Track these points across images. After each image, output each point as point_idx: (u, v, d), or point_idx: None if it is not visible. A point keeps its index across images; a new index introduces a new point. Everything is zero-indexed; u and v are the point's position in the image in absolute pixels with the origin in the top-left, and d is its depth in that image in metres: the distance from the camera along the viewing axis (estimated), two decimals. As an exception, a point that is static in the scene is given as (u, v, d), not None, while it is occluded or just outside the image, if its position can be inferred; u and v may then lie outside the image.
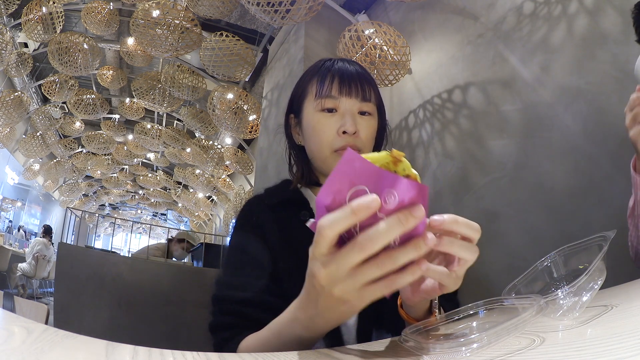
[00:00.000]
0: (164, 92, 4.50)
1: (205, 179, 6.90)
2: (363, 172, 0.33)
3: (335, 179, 0.34)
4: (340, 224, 0.33)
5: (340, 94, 0.70)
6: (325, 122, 0.70)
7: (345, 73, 0.71)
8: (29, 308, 1.14)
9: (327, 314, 0.40)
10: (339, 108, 0.70)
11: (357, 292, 0.36)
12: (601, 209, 1.35)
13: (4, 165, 7.53)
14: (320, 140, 0.71)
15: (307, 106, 0.75)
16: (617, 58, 1.37)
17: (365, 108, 0.72)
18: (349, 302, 0.37)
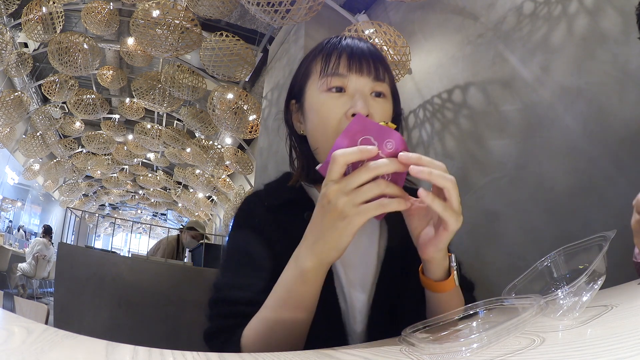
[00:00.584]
0: (164, 92, 4.50)
1: (205, 179, 6.90)
2: (370, 127, 0.46)
3: (350, 130, 0.46)
4: (350, 156, 0.44)
5: (349, 71, 0.61)
6: (331, 104, 0.61)
7: (355, 49, 0.63)
8: (29, 308, 1.14)
9: (328, 234, 0.45)
10: (347, 87, 0.61)
11: (356, 208, 0.43)
12: (601, 209, 1.35)
13: (4, 165, 7.53)
14: (325, 124, 0.61)
15: (310, 87, 0.65)
16: (617, 58, 1.37)
17: (379, 88, 0.62)
18: (349, 217, 0.43)
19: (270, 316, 0.51)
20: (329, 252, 0.46)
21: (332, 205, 0.44)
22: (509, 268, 1.61)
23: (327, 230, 0.45)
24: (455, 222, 0.46)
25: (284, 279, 0.51)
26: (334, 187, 0.44)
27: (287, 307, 0.50)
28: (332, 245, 0.46)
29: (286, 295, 0.50)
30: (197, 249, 5.33)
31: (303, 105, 0.67)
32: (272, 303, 0.52)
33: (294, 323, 0.50)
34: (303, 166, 0.69)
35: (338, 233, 0.45)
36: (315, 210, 0.48)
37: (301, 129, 0.70)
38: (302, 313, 0.50)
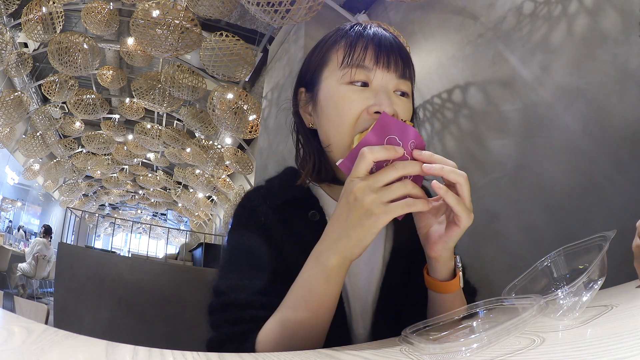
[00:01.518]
0: (164, 92, 4.50)
1: (205, 179, 6.90)
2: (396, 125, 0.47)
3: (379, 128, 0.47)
4: (378, 153, 0.45)
5: (376, 64, 0.55)
6: (353, 97, 0.55)
7: (383, 41, 0.57)
8: (29, 308, 1.14)
9: (353, 231, 0.45)
10: (371, 82, 0.56)
11: (383, 206, 0.43)
12: (601, 209, 1.35)
13: (4, 165, 7.53)
14: (342, 119, 0.55)
15: (327, 77, 0.59)
16: (617, 58, 1.37)
17: (403, 87, 0.58)
18: (375, 215, 0.43)
19: (291, 317, 0.49)
20: (353, 249, 0.46)
21: (358, 202, 0.44)
22: (509, 268, 1.61)
23: (352, 227, 0.44)
24: (467, 217, 0.47)
25: (305, 278, 0.49)
26: (361, 184, 0.44)
27: (309, 306, 0.48)
28: (356, 242, 0.45)
29: (308, 295, 0.48)
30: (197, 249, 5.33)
31: (316, 96, 0.61)
32: (291, 303, 0.50)
33: (316, 323, 0.49)
34: (314, 165, 0.63)
35: (363, 230, 0.44)
36: (339, 207, 0.47)
37: (310, 122, 0.64)
38: (324, 312, 0.49)
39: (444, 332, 0.42)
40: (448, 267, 0.53)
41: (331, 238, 0.47)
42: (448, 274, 0.53)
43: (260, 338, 0.49)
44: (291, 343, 0.47)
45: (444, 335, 0.42)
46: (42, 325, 0.37)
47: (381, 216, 0.43)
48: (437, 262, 0.52)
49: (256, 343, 0.49)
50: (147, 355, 0.34)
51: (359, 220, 0.44)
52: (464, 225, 0.47)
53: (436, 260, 0.52)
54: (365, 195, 0.43)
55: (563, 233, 1.44)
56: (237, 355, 0.38)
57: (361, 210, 0.43)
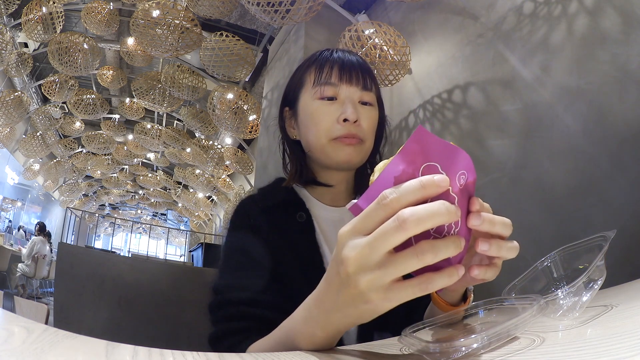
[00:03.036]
0: (164, 92, 4.50)
1: (205, 179, 6.90)
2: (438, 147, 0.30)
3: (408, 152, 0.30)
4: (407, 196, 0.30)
5: (340, 81, 0.67)
6: (324, 110, 0.67)
7: (345, 61, 0.69)
8: (29, 308, 1.14)
9: (346, 309, 0.35)
10: (338, 96, 0.68)
11: (384, 290, 0.32)
12: (601, 209, 1.35)
13: (4, 165, 7.53)
14: (318, 129, 0.67)
15: (304, 95, 0.72)
16: (617, 58, 1.37)
17: (366, 98, 0.69)
18: (372, 302, 0.33)
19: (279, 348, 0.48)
20: (348, 325, 0.38)
21: (351, 280, 0.33)
22: (509, 268, 1.60)
23: (346, 306, 0.35)
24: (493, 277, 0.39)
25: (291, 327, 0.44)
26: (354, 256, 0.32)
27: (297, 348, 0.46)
28: (350, 320, 0.37)
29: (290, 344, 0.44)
30: (197, 249, 5.34)
31: (297, 112, 0.73)
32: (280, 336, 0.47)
33: None
34: (296, 169, 0.74)
35: (358, 313, 0.35)
36: (331, 269, 0.37)
37: (294, 134, 0.76)
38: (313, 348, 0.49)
39: (444, 332, 0.42)
40: (460, 294, 0.53)
41: (324, 305, 0.38)
42: (459, 300, 0.53)
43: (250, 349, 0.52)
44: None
45: (444, 335, 0.41)
46: (42, 325, 0.37)
47: (379, 304, 0.33)
48: (453, 292, 0.52)
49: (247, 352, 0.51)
50: (147, 355, 0.34)
51: (352, 301, 0.34)
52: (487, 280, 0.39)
53: (451, 290, 0.52)
54: (361, 273, 0.32)
55: (563, 233, 1.44)
56: (237, 355, 0.38)
57: (354, 291, 0.33)
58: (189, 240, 11.09)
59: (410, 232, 0.29)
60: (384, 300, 0.32)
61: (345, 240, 0.34)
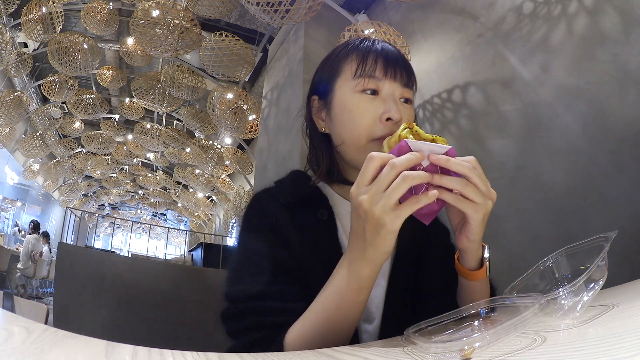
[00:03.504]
0: (164, 92, 4.50)
1: (205, 179, 6.90)
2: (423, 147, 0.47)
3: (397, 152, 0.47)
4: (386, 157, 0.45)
5: (385, 75, 0.63)
6: (365, 106, 0.62)
7: (390, 54, 0.65)
8: (29, 308, 1.14)
9: (373, 240, 0.45)
10: (381, 91, 0.63)
11: (392, 211, 0.43)
12: (601, 208, 1.35)
13: (3, 165, 7.53)
14: (357, 125, 0.62)
15: (340, 86, 0.65)
16: (617, 58, 1.37)
17: (407, 95, 0.65)
18: (387, 223, 0.43)
19: (322, 323, 0.50)
20: (381, 256, 0.47)
21: (369, 214, 0.44)
22: (509, 268, 1.61)
23: (373, 238, 0.45)
24: (474, 212, 0.47)
25: (337, 287, 0.50)
26: (367, 196, 0.44)
27: (341, 313, 0.50)
28: (382, 249, 0.46)
29: (341, 302, 0.50)
30: (196, 249, 5.34)
31: (330, 103, 0.67)
32: (323, 310, 0.51)
33: (347, 327, 0.51)
34: (326, 166, 0.68)
35: (382, 238, 0.45)
36: (353, 220, 0.48)
37: (323, 127, 0.70)
38: (355, 317, 0.51)
39: (446, 331, 0.42)
40: (476, 257, 0.55)
41: (358, 249, 0.48)
42: (476, 264, 0.55)
43: (289, 340, 0.51)
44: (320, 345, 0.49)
45: (446, 334, 0.41)
46: (42, 325, 0.36)
47: (394, 221, 0.43)
48: (466, 253, 0.54)
49: (284, 344, 0.51)
50: (146, 355, 0.34)
51: (375, 230, 0.44)
52: (473, 221, 0.48)
53: (464, 251, 0.54)
54: (373, 205, 0.44)
55: (563, 233, 1.44)
56: (237, 355, 0.38)
57: (373, 222, 0.44)
58: (188, 240, 11.10)
59: (397, 169, 0.44)
60: (395, 219, 0.43)
61: (356, 191, 0.46)
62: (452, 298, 0.65)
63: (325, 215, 0.66)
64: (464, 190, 0.46)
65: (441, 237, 0.75)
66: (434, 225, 0.73)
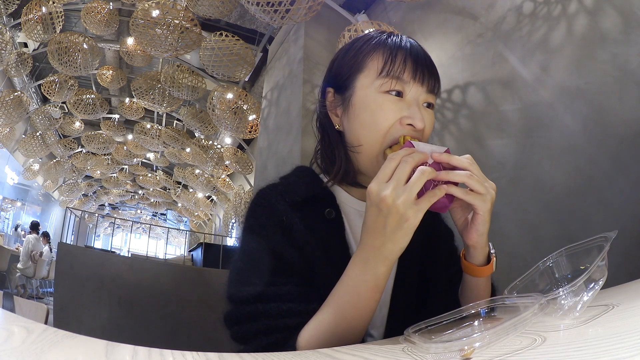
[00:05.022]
0: (164, 92, 4.50)
1: (205, 178, 6.90)
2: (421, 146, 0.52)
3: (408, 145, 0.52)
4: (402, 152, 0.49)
5: (412, 79, 0.59)
6: (389, 108, 0.58)
7: (419, 56, 0.61)
8: (29, 308, 1.14)
9: (394, 235, 0.46)
10: (406, 94, 0.59)
11: (413, 204, 0.45)
12: (601, 209, 1.35)
13: (3, 165, 7.53)
14: (378, 126, 0.58)
15: (363, 83, 0.60)
16: (617, 58, 1.37)
17: (431, 100, 0.62)
18: (409, 217, 0.45)
19: (337, 321, 0.50)
20: (398, 252, 0.48)
21: (393, 208, 0.45)
22: (509, 268, 1.61)
23: (393, 232, 0.46)
24: (481, 202, 0.50)
25: (352, 284, 0.50)
26: (390, 191, 0.46)
27: (357, 311, 0.50)
28: (401, 244, 0.47)
29: (356, 300, 0.50)
30: (196, 249, 5.34)
31: (349, 99, 0.62)
32: (337, 308, 0.51)
33: (362, 325, 0.51)
34: (340, 167, 0.64)
35: (403, 232, 0.46)
36: (371, 215, 0.48)
37: (337, 123, 0.65)
38: (369, 315, 0.51)
39: (446, 331, 0.42)
40: (484, 253, 0.56)
41: (375, 245, 0.48)
42: (484, 259, 0.56)
43: (303, 341, 0.50)
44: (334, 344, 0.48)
45: (446, 334, 0.41)
46: (42, 325, 0.36)
47: (416, 215, 0.45)
48: (474, 249, 0.55)
49: (297, 345, 0.50)
50: (146, 355, 0.34)
51: (398, 224, 0.46)
52: (482, 211, 0.50)
53: (473, 248, 0.55)
54: (396, 199, 0.45)
55: (563, 233, 1.44)
56: (236, 355, 0.38)
57: (397, 216, 0.45)
58: (188, 240, 11.10)
59: (412, 164, 0.47)
60: (417, 212, 0.45)
61: (377, 188, 0.47)
62: (456, 299, 0.65)
63: (333, 214, 0.63)
64: (469, 180, 0.49)
65: (446, 239, 0.75)
66: (438, 228, 0.74)
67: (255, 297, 0.54)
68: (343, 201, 0.66)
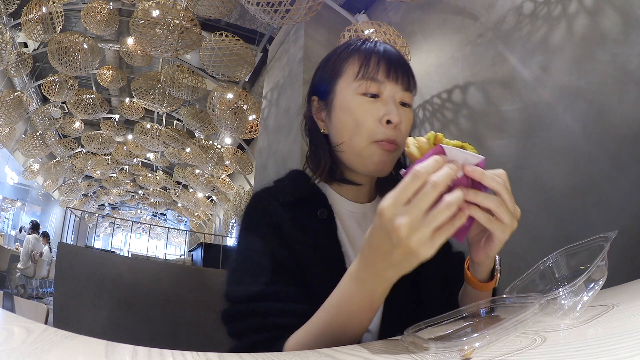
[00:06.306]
0: (164, 92, 4.50)
1: (205, 178, 6.90)
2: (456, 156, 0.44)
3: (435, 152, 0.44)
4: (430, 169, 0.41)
5: (386, 78, 0.63)
6: (367, 108, 0.62)
7: (392, 56, 0.65)
8: (29, 308, 1.14)
9: (398, 265, 0.43)
10: (382, 94, 0.63)
11: (428, 241, 0.40)
12: (601, 209, 1.35)
13: (3, 165, 7.53)
14: (359, 127, 0.62)
15: (342, 87, 0.65)
16: (617, 58, 1.37)
17: (407, 98, 0.65)
18: (420, 254, 0.40)
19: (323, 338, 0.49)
20: (399, 276, 0.45)
21: (404, 242, 0.40)
22: (509, 268, 1.60)
23: (399, 262, 0.42)
24: (501, 233, 0.45)
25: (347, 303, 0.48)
26: (405, 223, 0.40)
27: (346, 330, 0.49)
28: (403, 271, 0.44)
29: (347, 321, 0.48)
30: (196, 249, 5.34)
31: (331, 104, 0.67)
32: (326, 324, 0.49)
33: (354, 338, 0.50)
34: (325, 166, 0.68)
35: (409, 264, 0.42)
36: (378, 237, 0.43)
37: (323, 127, 0.70)
38: (360, 333, 0.50)
39: (445, 331, 0.42)
40: (489, 269, 0.55)
41: (375, 268, 0.45)
42: (488, 275, 0.56)
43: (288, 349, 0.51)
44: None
45: (446, 334, 0.41)
46: (42, 325, 0.36)
47: (428, 252, 0.41)
48: (480, 266, 0.54)
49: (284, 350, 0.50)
50: (146, 355, 0.34)
51: (405, 258, 0.42)
52: (499, 240, 0.46)
53: (479, 265, 0.54)
54: (412, 233, 0.40)
55: (563, 233, 1.44)
56: (236, 355, 0.38)
57: (407, 250, 0.41)
58: (188, 240, 11.10)
59: (440, 188, 0.40)
60: (430, 249, 0.40)
61: (391, 211, 0.41)
62: (451, 297, 0.65)
63: (325, 214, 0.65)
64: (499, 210, 0.43)
65: None
66: None
67: (247, 296, 0.57)
68: (335, 202, 0.69)
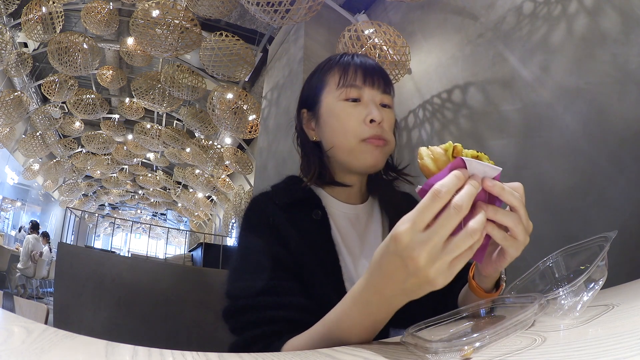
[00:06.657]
0: (164, 92, 4.50)
1: (205, 178, 6.90)
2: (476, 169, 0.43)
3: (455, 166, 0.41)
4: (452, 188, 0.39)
5: (364, 84, 0.70)
6: (350, 111, 0.69)
7: (367, 65, 0.73)
8: (29, 308, 1.14)
9: (410, 293, 0.41)
10: (362, 98, 0.70)
11: (447, 270, 0.38)
12: (601, 209, 1.35)
13: (3, 165, 7.53)
14: (346, 129, 0.68)
15: (326, 97, 0.73)
16: (617, 58, 1.37)
17: (386, 100, 0.72)
18: (437, 284, 0.39)
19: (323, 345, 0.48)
20: (408, 301, 0.44)
21: (422, 273, 0.38)
22: (509, 268, 1.60)
23: (412, 290, 0.41)
24: (515, 250, 0.44)
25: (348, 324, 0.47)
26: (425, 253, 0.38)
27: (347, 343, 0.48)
28: (414, 297, 0.42)
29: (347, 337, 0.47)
30: (196, 249, 5.34)
31: (318, 114, 0.74)
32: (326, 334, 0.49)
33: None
34: (316, 170, 0.74)
35: (422, 291, 0.41)
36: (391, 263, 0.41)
37: (313, 136, 0.77)
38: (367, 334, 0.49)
39: (446, 331, 0.42)
40: (494, 280, 0.56)
41: (383, 293, 0.43)
42: (491, 286, 0.56)
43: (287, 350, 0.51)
44: None
45: (446, 334, 0.41)
46: (42, 325, 0.36)
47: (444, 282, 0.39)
48: (486, 278, 0.54)
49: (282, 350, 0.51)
50: (146, 355, 0.34)
51: (419, 286, 0.40)
52: (510, 257, 0.46)
53: (485, 277, 0.54)
54: (430, 264, 0.38)
55: (563, 233, 1.44)
56: (236, 355, 0.38)
57: (424, 280, 0.39)
58: (188, 240, 11.10)
59: (464, 212, 0.38)
60: (446, 279, 0.39)
61: (409, 238, 0.39)
62: (452, 298, 0.66)
63: (319, 214, 0.70)
64: (515, 227, 0.43)
65: None
66: None
67: (246, 292, 0.60)
68: (329, 204, 0.74)
